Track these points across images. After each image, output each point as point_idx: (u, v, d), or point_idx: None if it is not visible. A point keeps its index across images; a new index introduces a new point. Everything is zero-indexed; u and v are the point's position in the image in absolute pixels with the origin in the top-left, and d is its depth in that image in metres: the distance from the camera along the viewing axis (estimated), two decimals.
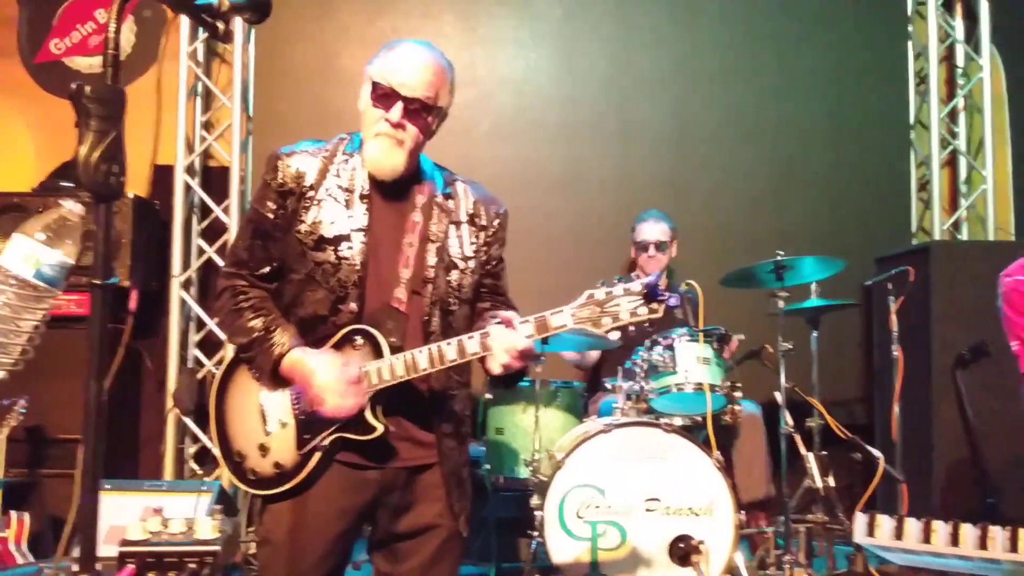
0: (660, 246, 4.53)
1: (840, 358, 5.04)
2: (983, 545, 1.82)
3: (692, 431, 3.55)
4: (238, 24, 5.21)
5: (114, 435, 2.46)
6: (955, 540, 1.80)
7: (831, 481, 3.78)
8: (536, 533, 3.28)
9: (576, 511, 3.27)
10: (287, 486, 2.12)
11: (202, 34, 5.29)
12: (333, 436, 2.10)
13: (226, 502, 3.69)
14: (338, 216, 2.16)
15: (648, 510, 3.27)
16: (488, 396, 3.99)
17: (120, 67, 1.17)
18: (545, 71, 5.43)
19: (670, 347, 3.70)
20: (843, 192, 5.35)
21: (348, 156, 2.23)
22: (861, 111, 5.40)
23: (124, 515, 3.23)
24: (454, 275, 2.22)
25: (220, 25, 1.45)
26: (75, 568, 1.18)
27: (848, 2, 5.48)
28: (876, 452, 3.87)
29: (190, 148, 5.24)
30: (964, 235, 5.46)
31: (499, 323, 2.03)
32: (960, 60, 5.55)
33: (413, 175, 2.24)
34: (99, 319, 1.13)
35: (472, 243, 2.28)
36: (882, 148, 5.43)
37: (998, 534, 1.83)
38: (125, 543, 1.26)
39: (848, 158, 5.37)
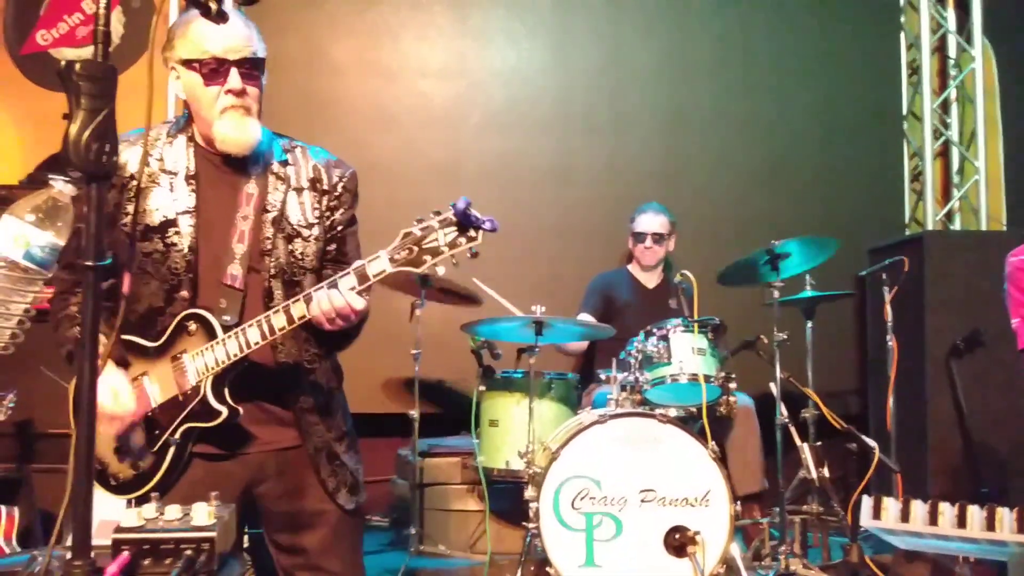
0: (657, 238, 4.52)
1: (835, 349, 5.03)
2: (990, 527, 1.80)
3: (687, 422, 3.53)
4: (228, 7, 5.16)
5: None
6: (962, 522, 1.79)
7: (826, 472, 3.77)
8: (531, 524, 3.26)
9: (571, 502, 3.25)
10: (148, 487, 2.06)
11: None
12: (182, 427, 2.05)
13: None
14: (162, 202, 2.08)
15: (643, 501, 3.25)
16: (482, 388, 3.97)
17: (110, 43, 1.14)
18: (536, 62, 5.40)
19: (665, 338, 3.68)
20: (836, 183, 5.35)
21: (172, 138, 2.15)
22: (853, 102, 5.40)
23: (115, 509, 3.21)
24: (297, 244, 2.15)
25: (213, 5, 1.42)
26: (68, 556, 1.15)
27: None
28: (871, 442, 3.85)
29: None
30: (957, 225, 5.47)
31: (322, 286, 1.97)
32: (952, 51, 5.55)
33: None
34: (91, 300, 1.10)
35: (315, 208, 2.19)
36: (875, 139, 5.43)
37: (1005, 515, 1.82)
38: (120, 530, 1.24)
39: (841, 149, 5.38)
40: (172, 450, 2.06)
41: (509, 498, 4.00)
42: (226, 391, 2.04)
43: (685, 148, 5.35)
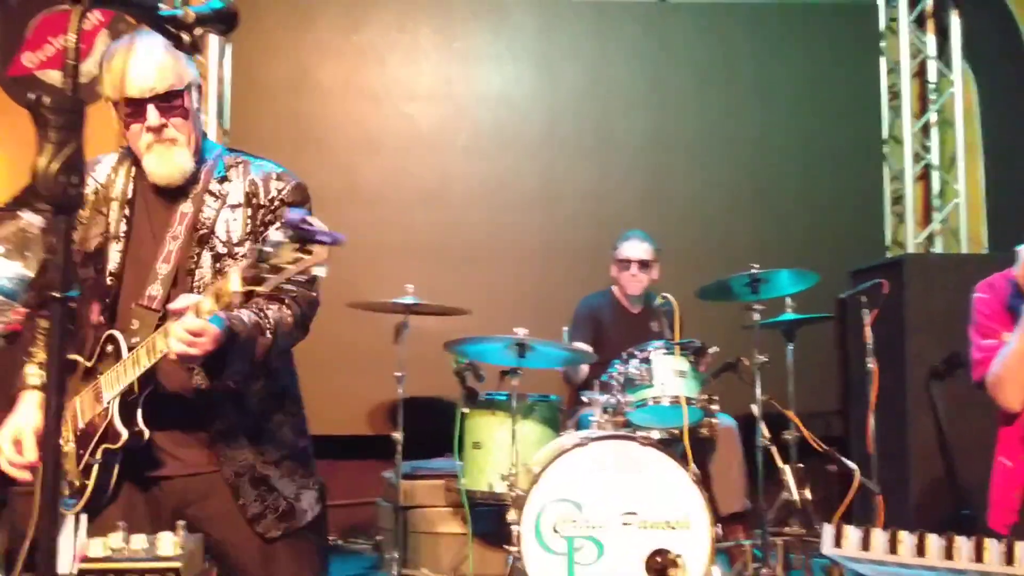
0: (643, 265, 4.51)
1: (816, 371, 5.05)
2: (948, 555, 1.82)
3: (669, 444, 3.54)
4: (214, 39, 5.20)
5: None
6: (920, 551, 1.80)
7: (808, 494, 3.79)
8: (513, 548, 3.26)
9: (553, 525, 3.25)
10: (80, 505, 2.05)
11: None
12: (100, 448, 2.04)
13: None
14: (99, 229, 2.13)
15: (625, 524, 3.26)
16: (465, 410, 3.97)
17: (79, 76, 1.16)
18: (522, 86, 5.45)
19: (647, 360, 3.69)
20: (818, 206, 5.39)
21: (119, 164, 2.19)
22: (835, 126, 5.45)
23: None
24: (226, 262, 2.11)
25: (185, 37, 1.44)
26: None
27: (821, 18, 5.55)
28: (852, 464, 3.88)
29: None
30: (938, 248, 5.52)
31: (187, 309, 1.88)
32: (932, 75, 5.61)
33: None
34: (58, 332, 1.11)
35: (247, 224, 2.15)
36: (856, 162, 5.48)
37: (963, 544, 1.84)
38: (85, 559, 1.24)
39: (822, 172, 5.43)
40: (95, 469, 2.04)
41: (493, 521, 3.99)
42: (138, 413, 2.02)
43: (669, 172, 5.40)
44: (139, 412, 2.02)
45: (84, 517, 1.62)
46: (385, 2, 5.43)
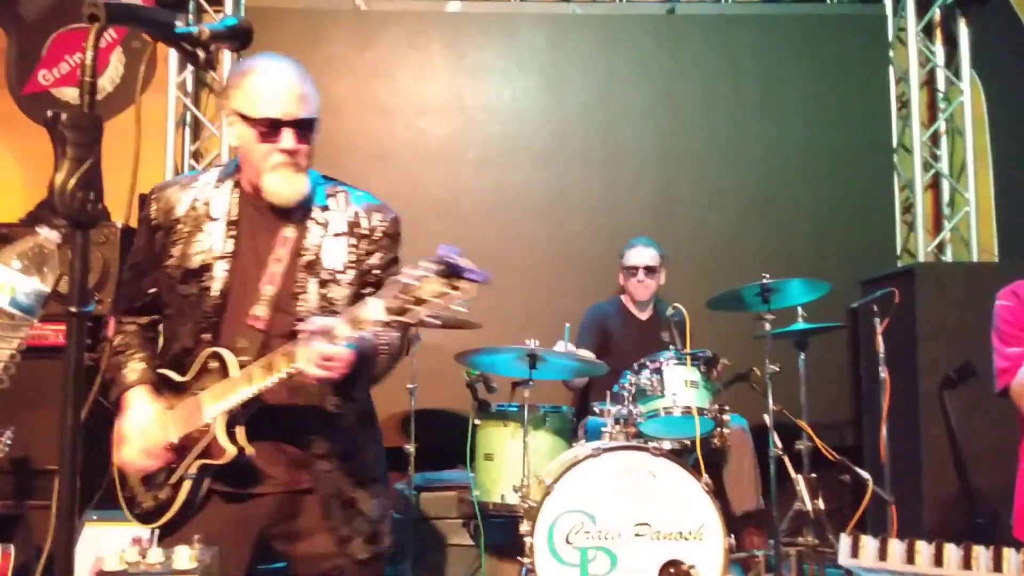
0: (649, 271, 4.53)
1: (827, 380, 5.04)
2: (967, 565, 1.81)
3: (681, 455, 3.55)
4: (227, 54, 5.25)
5: (101, 465, 2.44)
6: (939, 561, 1.79)
7: (821, 504, 3.78)
8: (526, 560, 3.26)
9: (566, 536, 3.25)
10: (165, 518, 2.10)
11: (190, 64, 5.33)
12: (196, 463, 2.07)
13: None
14: (204, 247, 2.14)
15: (638, 535, 3.25)
16: (477, 421, 3.98)
17: (96, 93, 1.18)
18: (531, 99, 5.47)
19: (658, 370, 3.70)
20: (828, 215, 5.38)
21: (219, 183, 2.21)
22: (844, 135, 5.45)
23: (111, 546, 3.21)
24: (331, 288, 2.16)
25: (201, 54, 1.46)
26: None
27: (830, 28, 5.56)
28: (865, 474, 3.87)
29: None
30: (948, 257, 5.50)
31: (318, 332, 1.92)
32: (941, 84, 5.61)
33: None
34: (75, 347, 1.13)
35: (351, 253, 2.21)
36: (865, 172, 5.47)
37: (981, 554, 1.83)
38: (101, 574, 1.25)
39: (832, 182, 5.42)
40: (187, 484, 2.08)
41: (505, 532, 3.99)
42: (238, 430, 2.05)
43: (678, 182, 5.40)
44: (241, 430, 2.05)
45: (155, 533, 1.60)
46: (396, 18, 5.47)
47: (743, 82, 5.47)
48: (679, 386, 3.66)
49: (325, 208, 2.22)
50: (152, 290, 2.20)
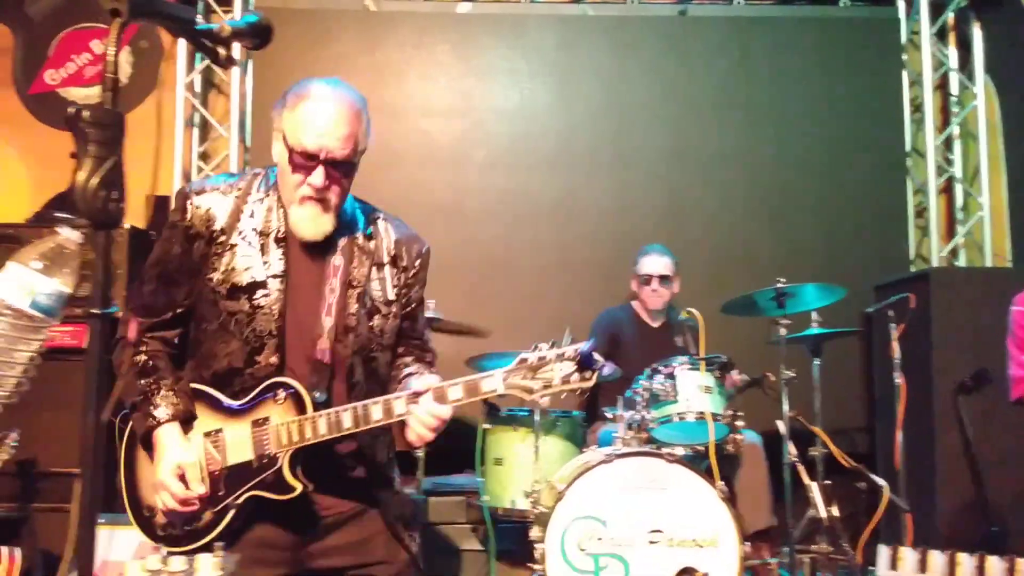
0: (663, 280, 4.47)
1: (842, 386, 4.99)
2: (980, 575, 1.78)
3: (694, 461, 3.50)
4: (235, 55, 5.22)
5: (111, 467, 2.39)
6: (981, 573, 1.76)
7: (835, 511, 3.73)
8: (537, 566, 3.22)
9: (578, 543, 3.21)
10: (198, 544, 2.00)
11: (199, 64, 5.30)
12: (248, 493, 2.00)
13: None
14: (253, 262, 2.06)
15: (651, 542, 3.21)
16: (486, 426, 3.94)
17: (119, 90, 1.14)
18: (539, 101, 5.44)
19: (671, 376, 3.65)
20: (841, 220, 5.35)
21: (263, 195, 2.13)
22: (857, 139, 5.42)
23: (119, 550, 3.18)
24: (377, 321, 2.14)
25: (221, 51, 1.43)
26: None
27: (843, 32, 5.52)
28: (881, 481, 3.82)
29: (187, 179, 5.23)
30: (962, 261, 5.46)
31: (428, 392, 1.93)
32: (954, 88, 5.58)
33: None
34: (97, 349, 1.09)
35: (394, 286, 2.20)
36: (879, 176, 5.44)
37: (995, 564, 1.79)
38: None
39: (845, 186, 5.38)
40: (231, 513, 2.00)
41: (514, 538, 3.96)
42: (299, 467, 2.00)
43: (688, 186, 5.37)
44: (300, 467, 2.00)
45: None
46: (403, 19, 5.44)
47: (755, 85, 5.44)
48: (693, 391, 3.61)
49: (369, 236, 2.19)
50: (186, 300, 2.11)
